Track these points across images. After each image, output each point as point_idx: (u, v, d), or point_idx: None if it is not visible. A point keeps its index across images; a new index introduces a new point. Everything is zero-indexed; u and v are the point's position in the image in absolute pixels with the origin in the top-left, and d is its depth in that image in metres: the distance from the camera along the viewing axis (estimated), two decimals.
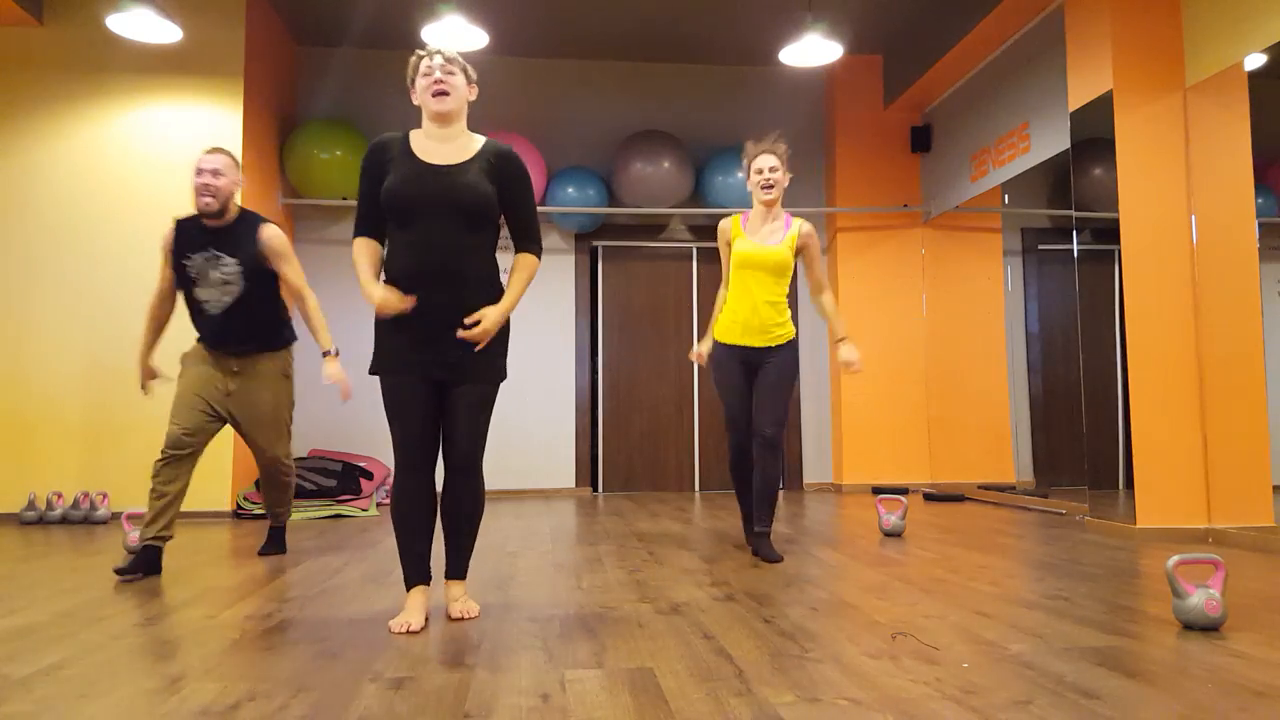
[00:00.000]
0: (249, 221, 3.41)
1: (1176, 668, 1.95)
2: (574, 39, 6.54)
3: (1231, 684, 1.84)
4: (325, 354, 3.39)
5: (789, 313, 3.69)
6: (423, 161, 2.45)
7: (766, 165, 3.61)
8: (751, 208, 3.75)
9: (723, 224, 3.73)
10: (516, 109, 6.80)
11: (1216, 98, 4.16)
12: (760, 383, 3.62)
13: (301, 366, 6.36)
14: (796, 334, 3.71)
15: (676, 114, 6.91)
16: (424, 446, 2.44)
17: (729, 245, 3.68)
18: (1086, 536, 4.12)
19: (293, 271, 3.42)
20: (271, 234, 3.41)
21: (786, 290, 3.67)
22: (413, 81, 2.54)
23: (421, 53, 2.54)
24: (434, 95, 2.45)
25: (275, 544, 3.78)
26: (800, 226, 3.67)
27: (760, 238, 3.62)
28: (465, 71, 2.53)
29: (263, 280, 3.42)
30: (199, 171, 3.31)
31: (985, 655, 2.06)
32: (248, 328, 3.42)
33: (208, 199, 3.30)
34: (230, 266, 3.35)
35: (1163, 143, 4.30)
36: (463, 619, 2.47)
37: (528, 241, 2.56)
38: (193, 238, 3.36)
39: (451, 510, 2.53)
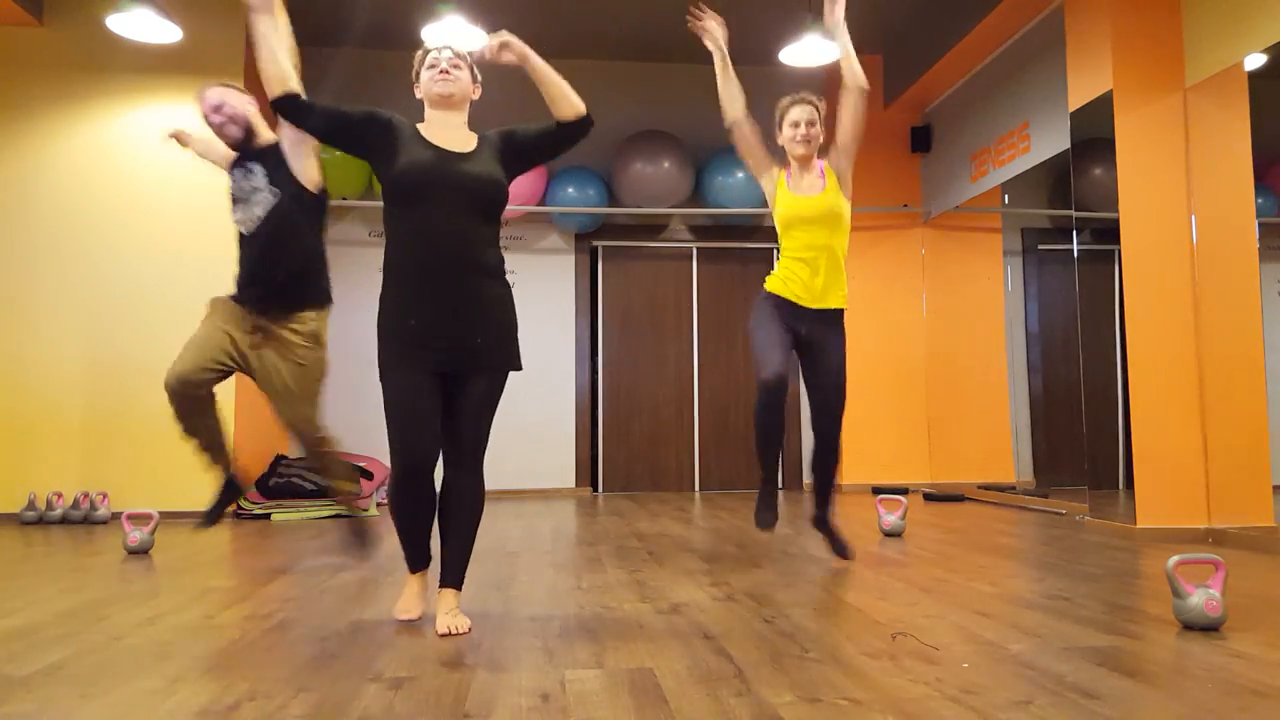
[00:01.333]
0: (277, 137, 3.27)
1: (1176, 668, 1.95)
2: (574, 39, 6.53)
3: (1231, 684, 1.84)
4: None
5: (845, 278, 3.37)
6: (435, 144, 2.40)
7: (804, 118, 3.29)
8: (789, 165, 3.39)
9: (775, 165, 3.39)
10: (517, 109, 6.80)
11: (1216, 98, 4.16)
12: (817, 365, 3.29)
13: None
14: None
15: (676, 114, 6.90)
16: (430, 448, 2.33)
17: (772, 178, 3.35)
18: (1086, 536, 4.12)
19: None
20: (285, 131, 3.22)
21: (845, 248, 3.34)
22: (417, 75, 2.51)
23: (430, 47, 2.51)
24: (436, 81, 2.44)
25: (354, 536, 3.38)
26: (828, 161, 3.37)
27: (803, 190, 3.31)
28: (472, 69, 2.53)
29: (296, 197, 3.16)
30: (205, 117, 3.20)
31: (985, 655, 2.06)
32: (283, 254, 3.13)
33: (229, 129, 3.19)
34: (258, 174, 3.17)
35: (1163, 143, 4.30)
36: (449, 635, 2.29)
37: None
38: (236, 155, 3.27)
39: (453, 512, 2.41)
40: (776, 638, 2.24)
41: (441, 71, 2.44)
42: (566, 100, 2.46)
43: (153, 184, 5.33)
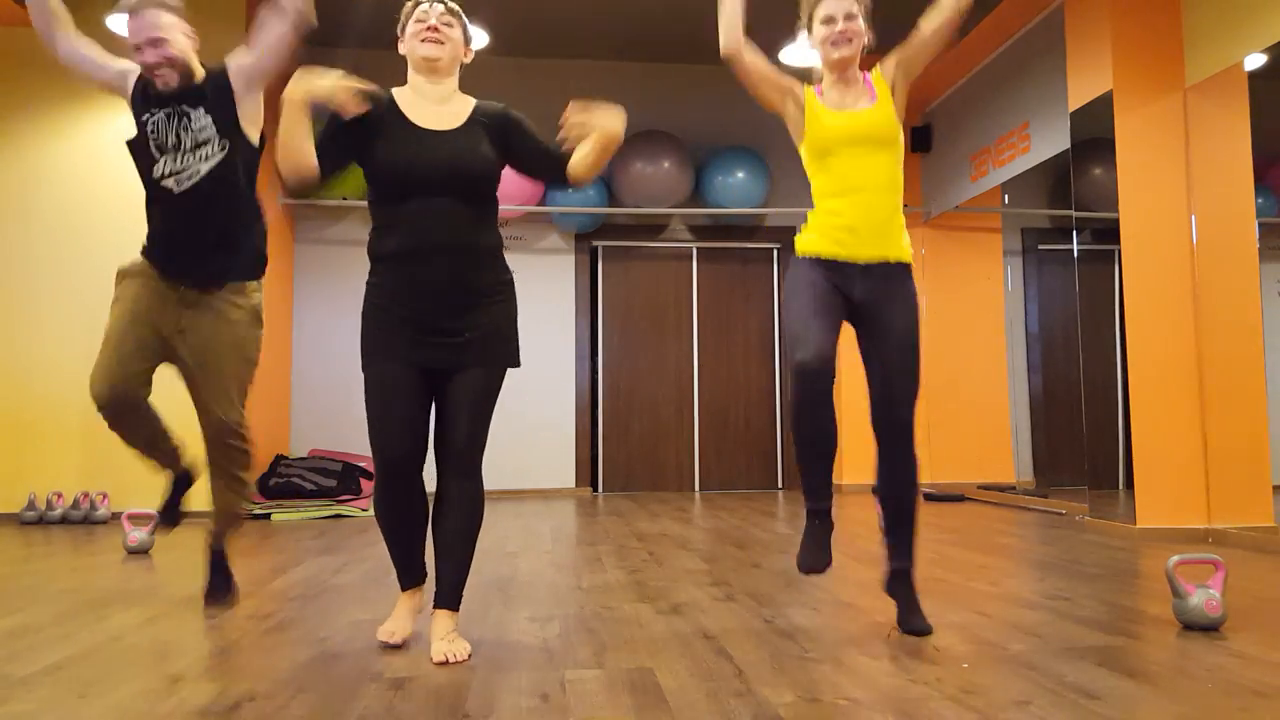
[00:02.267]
0: (217, 72, 2.62)
1: (1176, 668, 1.95)
2: (574, 39, 6.53)
3: (1231, 684, 1.83)
4: None
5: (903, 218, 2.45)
6: (417, 126, 2.19)
7: (841, 11, 2.43)
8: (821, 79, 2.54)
9: (796, 83, 2.53)
10: (516, 109, 6.80)
11: (1216, 98, 4.16)
12: (875, 335, 2.38)
13: (301, 366, 6.36)
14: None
15: (676, 114, 6.90)
16: (410, 445, 2.13)
17: (797, 99, 2.50)
18: (1086, 536, 4.12)
19: (267, 43, 2.58)
20: (238, 61, 2.60)
21: (901, 176, 2.45)
22: (403, 29, 2.26)
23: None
24: (424, 41, 2.19)
25: (220, 580, 2.74)
26: (881, 68, 2.52)
27: (845, 106, 2.47)
28: (465, 29, 2.28)
29: (243, 148, 2.63)
30: (136, 48, 2.52)
31: (985, 655, 2.06)
32: (221, 219, 2.60)
33: (164, 73, 2.53)
34: (201, 120, 2.57)
35: (1163, 143, 4.29)
36: (446, 663, 2.03)
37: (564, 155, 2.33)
38: (155, 92, 2.58)
39: (445, 524, 2.16)
40: (776, 638, 2.24)
41: (430, 29, 2.19)
42: (596, 170, 2.37)
43: None
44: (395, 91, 2.26)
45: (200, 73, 2.62)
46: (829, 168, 2.44)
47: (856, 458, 6.68)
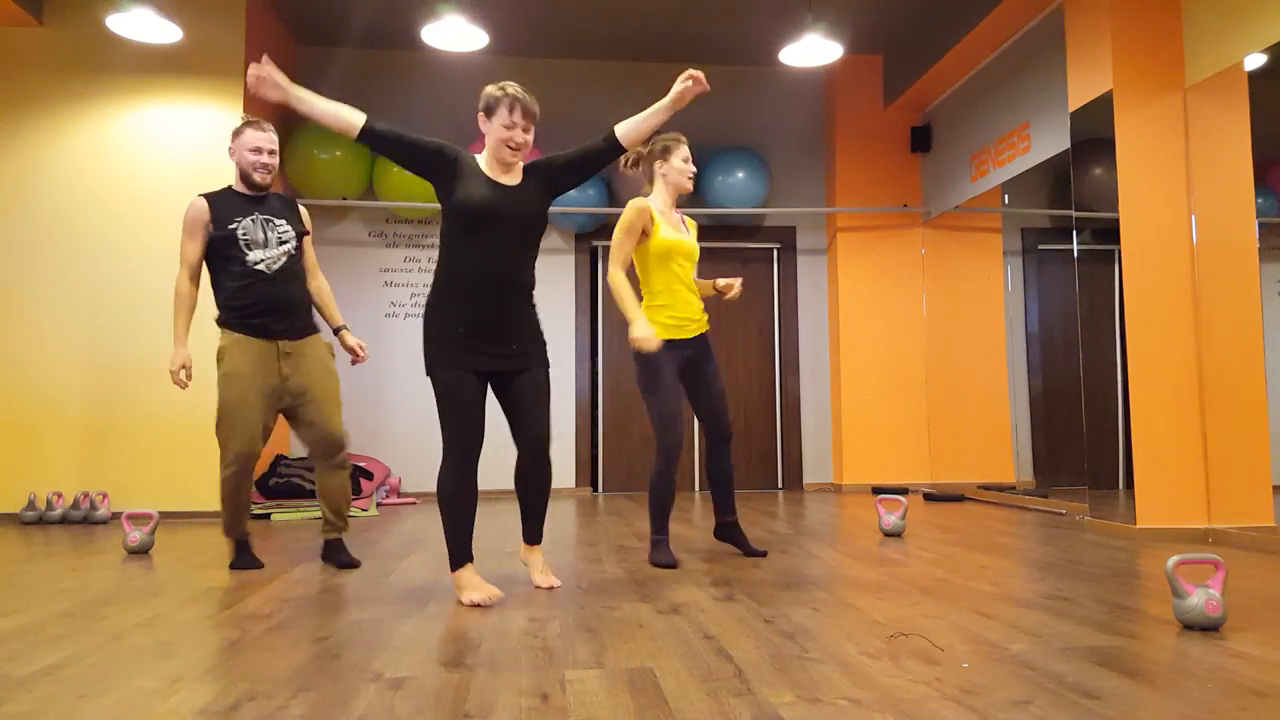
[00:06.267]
0: (279, 195, 3.57)
1: (1176, 668, 1.95)
2: (574, 39, 6.53)
3: (1231, 684, 1.84)
4: (339, 329, 3.59)
5: None
6: (491, 180, 2.72)
7: (689, 158, 3.60)
8: (650, 195, 3.55)
9: (641, 204, 3.42)
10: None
11: (1216, 98, 4.16)
12: (707, 376, 3.55)
13: None
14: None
15: (676, 114, 6.89)
16: (478, 441, 2.69)
17: (645, 233, 3.43)
18: (1086, 536, 4.12)
19: (311, 248, 3.63)
20: (304, 210, 3.64)
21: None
22: (489, 112, 2.72)
23: (510, 92, 2.69)
24: (511, 149, 2.72)
25: (345, 555, 3.45)
26: (693, 225, 3.70)
27: (674, 229, 3.50)
28: (534, 122, 2.77)
29: (300, 250, 3.54)
30: (258, 150, 3.41)
31: (985, 655, 2.06)
32: (300, 292, 3.45)
33: (266, 175, 3.45)
34: (284, 226, 3.44)
35: (1163, 143, 4.30)
36: (551, 589, 2.87)
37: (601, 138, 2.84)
38: (234, 206, 3.38)
39: (533, 490, 2.87)
40: (776, 638, 2.24)
41: (516, 147, 2.72)
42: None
43: (152, 184, 5.33)
44: (479, 157, 2.80)
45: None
46: (667, 271, 3.47)
47: (855, 459, 6.68)
